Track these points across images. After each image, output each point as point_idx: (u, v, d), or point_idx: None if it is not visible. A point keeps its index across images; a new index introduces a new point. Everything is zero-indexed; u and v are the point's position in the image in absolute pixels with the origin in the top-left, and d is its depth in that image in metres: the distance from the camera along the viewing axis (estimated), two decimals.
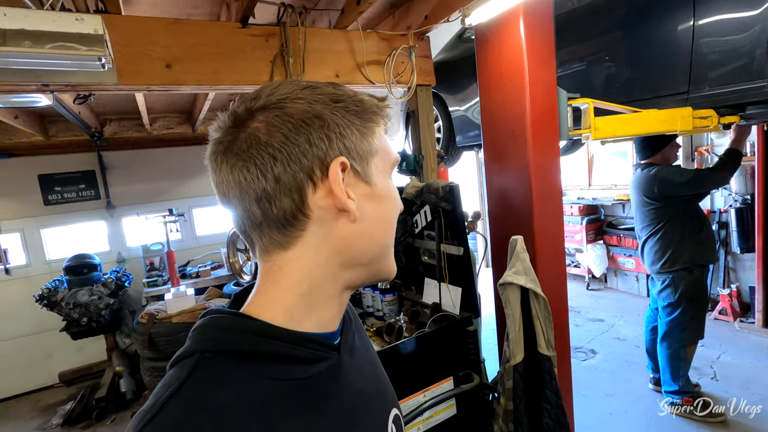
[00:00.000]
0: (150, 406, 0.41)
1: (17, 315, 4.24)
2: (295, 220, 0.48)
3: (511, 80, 1.90)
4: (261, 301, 0.50)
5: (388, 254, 0.55)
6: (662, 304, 2.79)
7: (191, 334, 0.48)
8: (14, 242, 4.29)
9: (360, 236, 0.51)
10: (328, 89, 0.50)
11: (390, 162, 0.55)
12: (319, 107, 0.48)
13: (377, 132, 0.52)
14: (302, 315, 0.50)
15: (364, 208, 0.50)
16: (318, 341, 0.50)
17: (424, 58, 2.16)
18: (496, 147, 2.03)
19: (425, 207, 1.87)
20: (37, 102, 1.83)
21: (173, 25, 1.62)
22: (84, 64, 0.96)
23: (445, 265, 1.80)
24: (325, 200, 0.48)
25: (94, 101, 3.31)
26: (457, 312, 1.78)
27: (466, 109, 3.47)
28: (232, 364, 0.44)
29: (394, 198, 0.55)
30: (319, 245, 0.49)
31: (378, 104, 0.54)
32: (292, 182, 0.47)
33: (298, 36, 1.80)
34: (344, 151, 0.48)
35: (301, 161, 0.46)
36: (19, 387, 4.29)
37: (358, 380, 0.55)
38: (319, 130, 0.47)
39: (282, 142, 0.46)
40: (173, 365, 0.46)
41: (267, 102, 0.48)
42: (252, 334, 0.47)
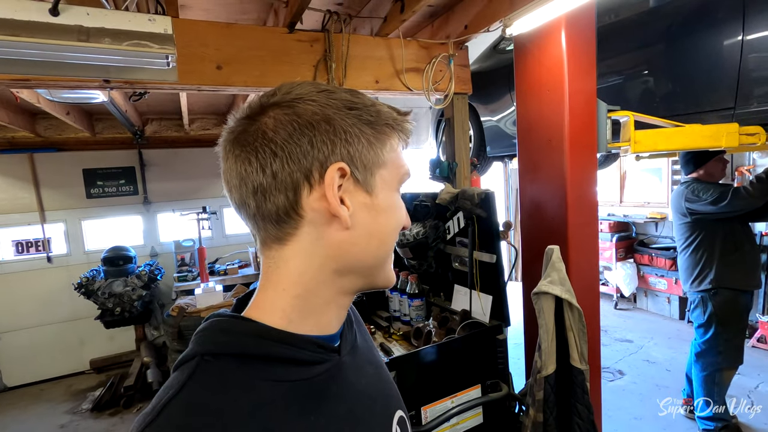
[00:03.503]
0: (151, 409, 0.42)
1: (56, 302, 4.44)
2: (288, 218, 0.48)
3: (550, 90, 1.90)
4: (260, 305, 0.51)
5: (383, 265, 0.55)
6: (695, 325, 2.70)
7: (194, 337, 0.48)
8: (57, 232, 4.51)
9: (352, 244, 0.50)
10: (344, 95, 0.51)
11: (399, 175, 0.54)
12: (330, 111, 0.49)
13: (389, 144, 0.52)
14: (299, 318, 0.50)
15: (359, 216, 0.50)
16: (317, 343, 0.51)
17: (462, 66, 2.18)
18: (532, 156, 2.03)
19: (459, 213, 1.88)
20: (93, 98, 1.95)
21: (225, 29, 1.70)
22: (152, 62, 1.03)
23: (477, 272, 1.80)
24: (318, 203, 0.48)
25: (139, 102, 3.47)
26: (486, 320, 1.77)
27: (498, 119, 3.47)
28: (232, 367, 0.45)
29: (396, 211, 0.54)
30: (312, 248, 0.50)
31: (396, 117, 0.53)
32: (289, 180, 0.47)
33: (341, 42, 1.86)
34: (347, 158, 0.49)
35: (300, 161, 0.47)
36: (54, 371, 4.48)
37: (359, 381, 0.55)
38: (324, 134, 0.48)
39: (285, 139, 0.47)
40: (176, 369, 0.46)
41: (281, 99, 0.49)
42: (252, 336, 0.47)
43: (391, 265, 0.56)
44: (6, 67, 1.02)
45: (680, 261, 2.79)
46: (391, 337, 2.13)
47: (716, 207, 2.47)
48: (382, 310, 2.39)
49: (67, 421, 3.68)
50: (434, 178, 2.28)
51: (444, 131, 3.99)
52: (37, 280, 4.41)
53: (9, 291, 4.31)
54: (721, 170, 2.68)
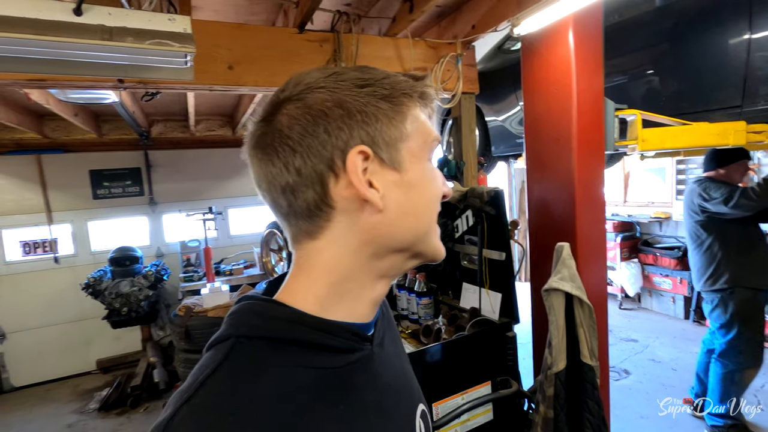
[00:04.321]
0: (188, 386, 0.42)
1: (63, 302, 4.47)
2: (320, 211, 0.48)
3: (557, 89, 1.91)
4: (293, 289, 0.51)
5: (427, 239, 0.53)
6: (716, 325, 2.68)
7: (227, 318, 0.49)
8: (64, 233, 4.54)
9: (388, 225, 0.49)
10: (353, 74, 0.49)
11: (428, 143, 0.52)
12: (340, 95, 0.47)
13: (410, 114, 0.50)
14: (333, 304, 0.50)
15: (392, 196, 0.49)
16: (352, 330, 0.50)
17: (470, 66, 2.20)
18: (540, 155, 2.04)
19: (467, 212, 1.89)
20: (105, 99, 1.97)
21: (237, 30, 1.72)
22: (171, 61, 1.05)
23: (486, 270, 1.81)
24: (347, 190, 0.47)
25: (146, 102, 3.50)
26: (496, 317, 1.78)
27: (504, 119, 3.48)
28: (265, 350, 0.45)
29: (431, 181, 0.53)
30: (346, 235, 0.49)
31: (412, 84, 0.51)
32: (314, 174, 0.47)
33: (350, 42, 1.88)
34: (367, 139, 0.47)
35: (320, 153, 0.47)
36: (61, 371, 4.50)
37: (386, 373, 0.55)
38: (339, 120, 0.47)
39: (301, 134, 0.46)
40: (209, 348, 0.47)
41: (291, 93, 0.48)
42: (286, 320, 0.47)
43: (436, 238, 0.54)
44: (27, 67, 1.04)
45: (693, 259, 2.79)
46: (400, 335, 2.14)
47: (726, 207, 2.47)
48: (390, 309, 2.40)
49: (75, 420, 3.69)
50: None
51: (451, 131, 4.01)
52: (44, 281, 4.44)
53: (16, 291, 4.34)
54: (741, 174, 2.67)
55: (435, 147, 0.54)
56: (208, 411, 0.40)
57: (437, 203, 0.54)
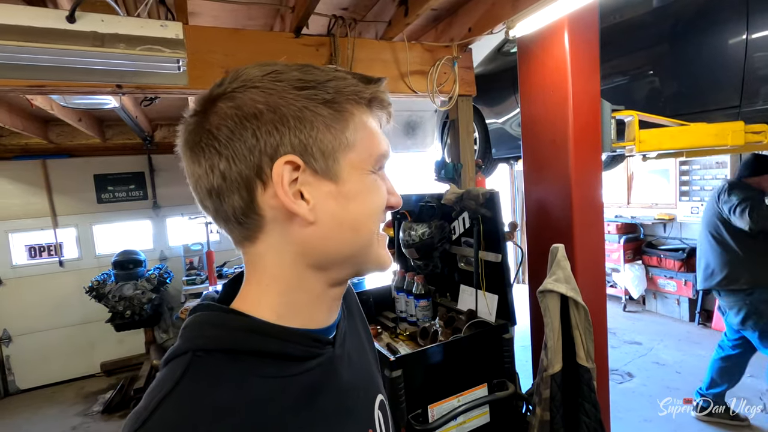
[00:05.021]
0: (144, 407, 0.40)
1: (67, 305, 4.51)
2: (248, 219, 0.46)
3: (554, 91, 1.91)
4: (248, 298, 0.49)
5: (367, 251, 0.50)
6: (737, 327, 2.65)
7: (181, 332, 0.46)
8: (69, 236, 4.59)
9: (322, 238, 0.47)
10: (293, 74, 0.45)
11: (374, 155, 0.49)
12: (274, 98, 0.44)
13: (353, 122, 0.47)
14: (288, 313, 0.48)
15: (325, 208, 0.46)
16: (312, 337, 0.49)
17: (466, 69, 2.20)
18: (537, 157, 2.04)
19: (464, 214, 1.90)
20: (106, 104, 2.00)
21: (233, 35, 1.74)
22: (164, 66, 1.06)
23: (483, 272, 1.81)
24: (275, 200, 0.45)
25: (149, 107, 3.54)
26: (492, 319, 1.78)
27: (503, 121, 3.48)
28: (224, 362, 0.43)
29: (372, 195, 0.49)
30: (280, 245, 0.47)
31: (361, 89, 0.48)
32: (239, 180, 0.44)
33: (347, 46, 1.89)
34: (299, 147, 0.44)
35: (246, 158, 0.44)
36: (65, 374, 4.53)
37: (347, 372, 0.54)
38: (269, 124, 0.44)
39: (228, 136, 0.44)
40: (166, 364, 0.44)
41: (226, 89, 0.45)
42: (243, 331, 0.45)
43: (380, 249, 0.52)
44: (24, 74, 1.06)
45: (706, 256, 2.77)
46: (398, 338, 2.14)
47: (733, 215, 2.47)
48: (388, 311, 2.40)
49: (79, 422, 3.72)
50: (439, 180, 2.30)
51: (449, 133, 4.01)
52: (49, 284, 4.48)
53: (22, 295, 4.38)
54: None
55: (383, 161, 0.51)
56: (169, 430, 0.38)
57: (379, 215, 0.51)
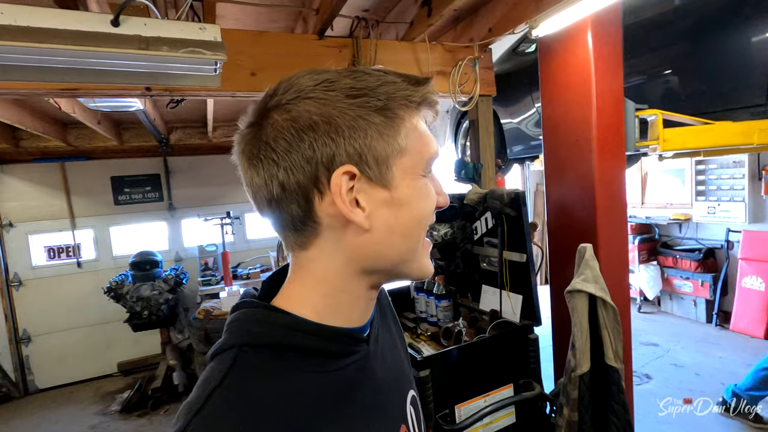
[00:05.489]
0: (196, 398, 0.42)
1: (85, 306, 4.57)
2: (305, 226, 0.48)
3: (577, 90, 1.90)
4: (290, 297, 0.51)
5: (413, 258, 0.52)
6: None
7: (227, 327, 0.49)
8: (87, 238, 4.65)
9: (375, 245, 0.49)
10: (345, 82, 0.46)
11: (425, 159, 0.50)
12: (328, 108, 0.45)
13: (406, 126, 0.48)
14: (329, 313, 0.50)
15: (379, 215, 0.48)
16: (349, 335, 0.51)
17: (487, 69, 2.20)
18: (559, 157, 2.03)
19: (486, 213, 1.89)
20: (131, 107, 2.03)
21: (258, 37, 1.76)
22: (202, 68, 1.08)
23: (507, 272, 1.80)
24: (332, 208, 0.46)
25: (166, 110, 3.58)
26: (517, 320, 1.77)
27: (519, 121, 3.47)
28: (268, 357, 0.46)
29: (421, 199, 0.50)
30: (333, 251, 0.49)
31: (410, 93, 0.48)
32: (297, 189, 0.46)
33: (369, 47, 1.90)
34: (354, 157, 0.46)
35: (304, 169, 0.45)
36: (83, 373, 4.59)
37: (381, 368, 0.56)
38: (325, 135, 0.45)
39: (285, 148, 0.45)
40: (213, 357, 0.47)
41: (279, 100, 0.46)
42: (286, 328, 0.48)
43: (424, 256, 0.53)
44: (62, 76, 1.08)
45: None
46: (419, 338, 2.14)
47: None
48: (408, 311, 2.40)
49: (98, 422, 3.77)
50: (459, 180, 2.30)
51: (467, 133, 4.01)
52: (67, 285, 4.55)
53: (41, 295, 4.45)
54: None
55: (433, 162, 0.52)
56: (219, 421, 0.41)
57: (428, 219, 0.52)
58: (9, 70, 1.01)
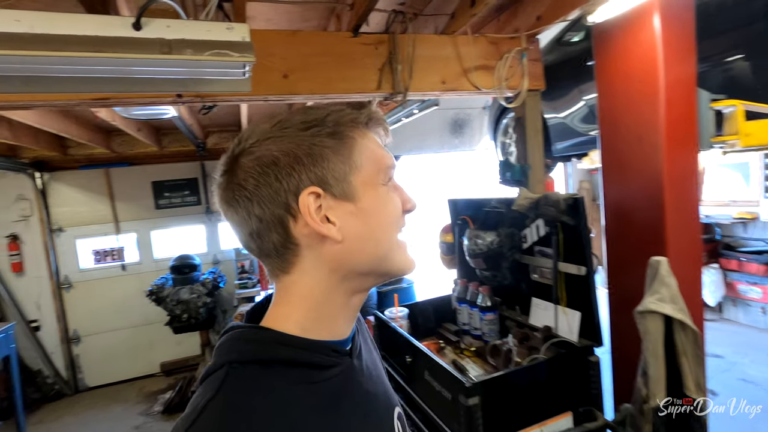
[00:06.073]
0: (191, 411, 0.46)
1: (129, 307, 4.71)
2: (286, 250, 0.52)
3: (640, 80, 1.70)
4: (276, 317, 0.54)
5: (390, 257, 0.56)
6: None
7: (216, 351, 0.52)
8: (130, 241, 4.80)
9: (350, 253, 0.53)
10: (297, 119, 0.53)
11: (381, 169, 0.55)
12: (285, 143, 0.51)
13: (357, 145, 0.53)
14: (312, 326, 0.53)
15: (349, 226, 0.52)
16: (332, 348, 0.54)
17: (535, 61, 2.02)
18: (618, 154, 1.83)
19: (538, 221, 1.72)
20: (165, 114, 2.00)
21: (291, 37, 1.66)
22: (229, 72, 0.99)
23: (562, 285, 1.63)
24: (306, 228, 0.51)
25: (202, 116, 3.60)
26: (574, 339, 1.60)
27: (564, 116, 3.24)
28: (257, 371, 0.49)
29: (387, 206, 0.55)
30: (314, 267, 0.53)
31: (356, 116, 0.54)
32: (273, 219, 0.51)
33: (407, 43, 1.77)
34: (316, 180, 0.51)
35: (275, 199, 0.50)
36: (128, 373, 4.75)
37: (365, 382, 0.58)
38: (287, 167, 0.50)
39: (255, 185, 0.50)
40: (205, 379, 0.50)
41: (244, 146, 0.52)
42: (273, 343, 0.51)
43: (401, 253, 0.57)
44: (90, 86, 1.02)
45: None
46: (463, 353, 2.00)
47: None
48: (449, 323, 2.26)
49: (141, 422, 3.86)
50: (504, 182, 2.13)
51: (507, 130, 3.80)
52: (112, 287, 4.71)
53: (89, 297, 4.63)
54: None
55: (390, 171, 0.57)
56: (215, 428, 0.44)
57: (397, 223, 0.57)
58: (31, 81, 0.96)
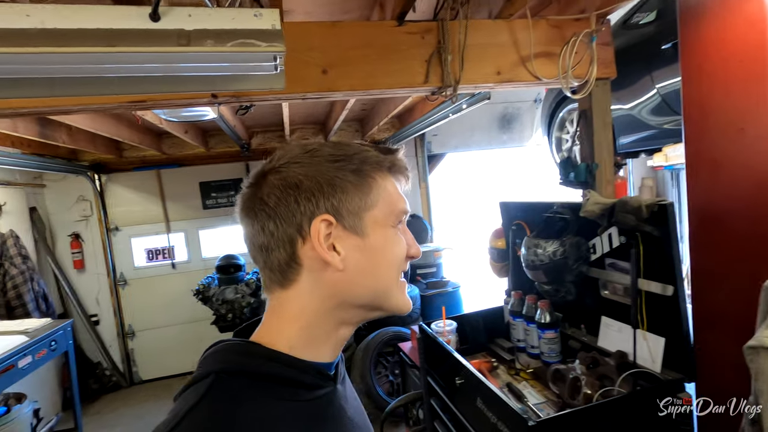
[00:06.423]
0: (171, 417, 0.45)
1: (179, 304, 4.85)
2: (289, 268, 0.54)
3: (741, 62, 1.42)
4: (267, 332, 0.55)
5: (386, 296, 0.57)
6: None
7: (203, 360, 0.53)
8: (179, 241, 4.94)
9: (348, 283, 0.54)
10: (327, 151, 0.55)
11: (394, 213, 0.57)
12: (312, 170, 0.53)
13: (377, 185, 0.56)
14: (301, 346, 0.54)
15: (352, 258, 0.54)
16: (318, 369, 0.55)
17: (605, 45, 1.77)
18: (709, 150, 1.55)
19: (611, 229, 1.49)
20: (204, 116, 1.96)
21: (331, 29, 1.54)
22: (258, 66, 0.87)
23: (643, 305, 1.39)
24: (312, 252, 0.53)
25: (245, 116, 3.59)
26: (657, 369, 1.36)
27: (631, 107, 2.91)
28: (245, 384, 0.49)
29: (393, 247, 0.57)
30: (311, 289, 0.54)
31: (382, 158, 0.56)
32: (284, 237, 0.53)
33: (457, 30, 1.59)
34: (331, 209, 0.53)
35: (290, 219, 0.52)
36: (178, 368, 4.88)
37: (349, 409, 0.59)
38: (308, 192, 0.52)
39: (276, 203, 0.53)
40: (190, 386, 0.49)
41: (274, 165, 0.55)
42: (262, 358, 0.52)
43: (399, 294, 0.58)
44: (112, 88, 0.94)
45: None
46: (519, 375, 1.80)
47: None
48: (502, 338, 2.06)
49: None
50: (566, 184, 1.90)
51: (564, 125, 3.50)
52: (163, 285, 4.87)
53: (142, 294, 4.81)
54: None
55: (403, 217, 0.59)
56: None
57: (399, 265, 0.58)
58: (55, 85, 0.89)
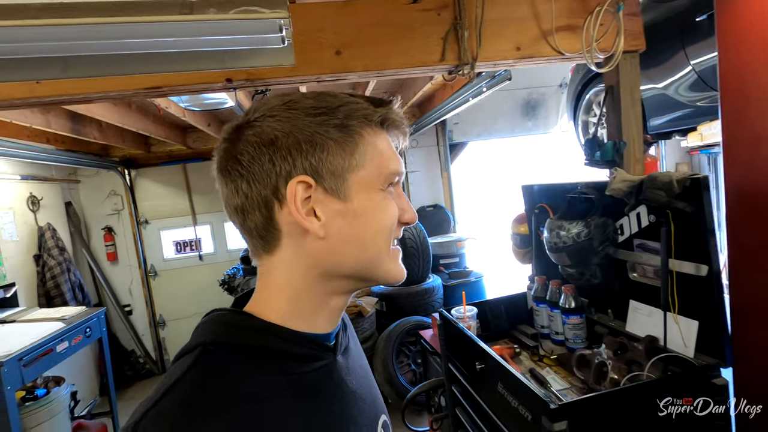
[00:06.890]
0: (156, 392, 0.43)
1: (206, 295, 4.98)
2: (268, 233, 0.51)
3: None
4: (258, 302, 0.53)
5: (375, 265, 0.53)
6: None
7: (195, 331, 0.51)
8: (205, 233, 5.07)
9: (330, 252, 0.51)
10: (307, 102, 0.50)
11: (383, 173, 0.52)
12: (289, 125, 0.49)
13: (363, 143, 0.51)
14: (292, 317, 0.52)
15: (335, 224, 0.50)
16: (313, 340, 0.53)
17: (632, 16, 1.67)
18: (749, 127, 1.45)
19: (639, 208, 1.41)
20: (223, 103, 1.98)
21: (343, 9, 1.52)
22: (265, 39, 0.86)
23: (674, 287, 1.32)
24: (290, 217, 0.49)
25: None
26: (690, 354, 1.28)
27: (664, 85, 2.76)
28: (233, 357, 0.47)
29: (381, 212, 0.52)
30: (294, 257, 0.51)
31: (371, 111, 0.51)
32: (259, 199, 0.49)
33: (474, 4, 1.54)
34: (310, 169, 0.49)
35: (264, 180, 0.49)
36: None
37: (351, 381, 0.57)
38: (284, 149, 0.48)
39: (249, 161, 0.49)
40: (178, 359, 0.47)
41: (249, 118, 0.50)
42: (253, 329, 0.50)
43: (390, 263, 0.54)
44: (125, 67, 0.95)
45: None
46: (543, 361, 1.74)
47: None
48: (525, 325, 2.00)
49: None
50: (592, 164, 1.82)
51: (590, 108, 3.37)
52: (191, 276, 5.01)
53: (171, 285, 4.97)
54: None
55: (394, 179, 0.54)
56: (177, 410, 0.41)
57: (389, 233, 0.53)
58: (70, 66, 0.91)
